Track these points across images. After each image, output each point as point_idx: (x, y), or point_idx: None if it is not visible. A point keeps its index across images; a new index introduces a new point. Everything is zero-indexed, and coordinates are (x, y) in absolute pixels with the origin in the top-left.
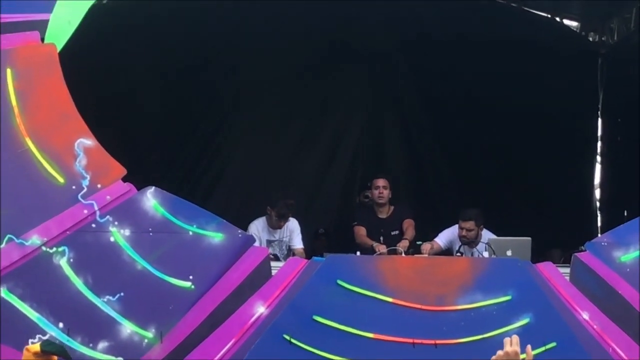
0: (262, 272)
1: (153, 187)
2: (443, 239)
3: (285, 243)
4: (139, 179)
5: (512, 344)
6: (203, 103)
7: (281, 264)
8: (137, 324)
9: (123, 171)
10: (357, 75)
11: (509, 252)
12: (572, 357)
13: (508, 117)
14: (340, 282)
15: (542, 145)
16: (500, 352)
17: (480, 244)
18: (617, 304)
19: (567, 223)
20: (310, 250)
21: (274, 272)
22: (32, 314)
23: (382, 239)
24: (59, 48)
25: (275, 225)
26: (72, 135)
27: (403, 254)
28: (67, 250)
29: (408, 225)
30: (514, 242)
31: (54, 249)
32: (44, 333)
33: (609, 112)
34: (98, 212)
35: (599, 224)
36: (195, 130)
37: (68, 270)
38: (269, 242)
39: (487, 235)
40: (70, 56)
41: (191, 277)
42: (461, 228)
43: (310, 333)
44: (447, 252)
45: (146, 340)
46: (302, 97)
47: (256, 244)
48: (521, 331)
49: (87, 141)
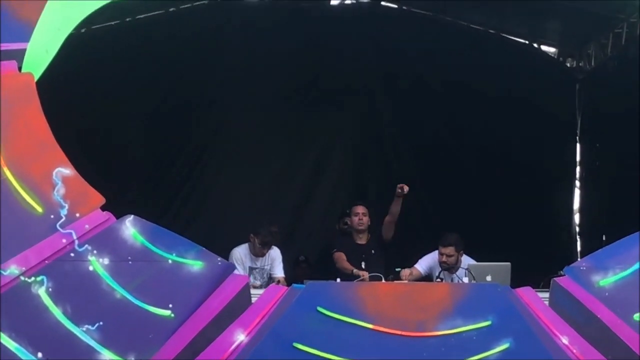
0: (242, 300)
1: (132, 216)
2: (423, 264)
3: (267, 271)
4: (118, 209)
5: None
6: (183, 133)
7: (261, 291)
8: (117, 353)
9: (102, 200)
10: (338, 106)
11: (488, 278)
12: None
13: (487, 143)
14: (320, 309)
15: (522, 171)
16: None
17: (460, 269)
18: (597, 328)
19: (547, 248)
20: (292, 277)
21: (254, 299)
22: (11, 344)
23: (363, 264)
24: (36, 77)
25: (258, 252)
26: (50, 164)
27: (383, 280)
28: (45, 279)
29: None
30: (494, 268)
31: (33, 278)
32: None
33: (587, 137)
34: (77, 241)
35: (579, 248)
36: (175, 160)
37: (47, 300)
38: (251, 270)
39: (467, 260)
40: (48, 85)
41: (171, 305)
42: (441, 254)
43: None
44: (427, 277)
45: None
46: (282, 128)
47: (239, 270)
48: (501, 356)
49: (65, 170)
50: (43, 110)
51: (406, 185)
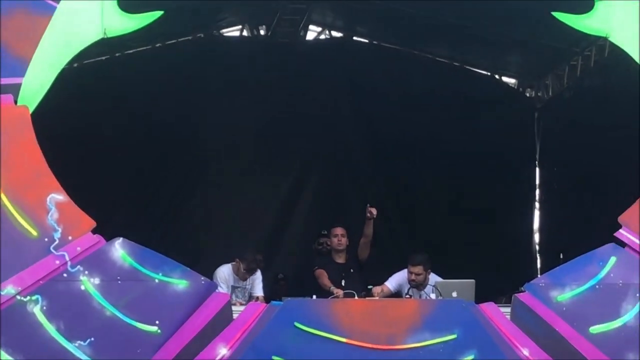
0: (224, 316)
1: (121, 238)
2: (393, 282)
3: (248, 290)
4: (108, 232)
5: None
6: (167, 162)
7: (242, 308)
8: None
9: (92, 224)
10: (313, 134)
11: (454, 294)
12: None
13: (454, 168)
14: (297, 324)
15: (485, 193)
16: None
17: (428, 286)
18: (555, 341)
19: (509, 266)
20: (271, 294)
21: (235, 316)
22: (8, 359)
23: (343, 282)
24: (31, 110)
25: (242, 277)
26: (44, 190)
27: (356, 297)
28: (40, 298)
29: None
30: (459, 285)
31: (28, 297)
32: None
33: (546, 162)
34: (69, 263)
35: (539, 265)
36: (160, 187)
37: (41, 318)
38: (234, 288)
39: (434, 278)
40: (42, 117)
41: (157, 322)
42: (410, 272)
43: None
44: (397, 294)
45: None
46: (260, 156)
47: (223, 287)
48: None
49: (58, 196)
50: (37, 140)
51: (374, 208)
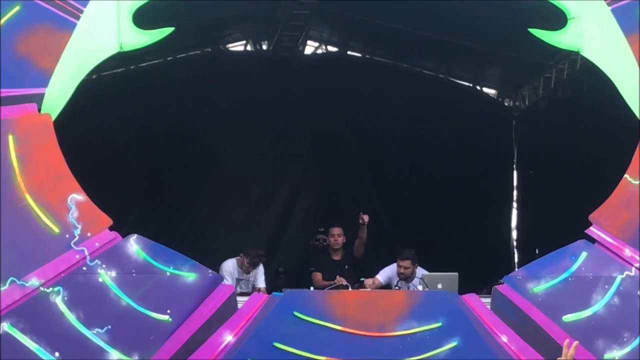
0: (229, 306)
1: (135, 235)
2: (383, 275)
3: (251, 282)
4: (123, 229)
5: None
6: (178, 166)
7: (246, 299)
8: (123, 352)
9: (109, 221)
10: (311, 142)
11: (439, 286)
12: None
13: (439, 173)
14: (296, 313)
15: (468, 195)
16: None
17: (415, 279)
18: (531, 329)
19: (489, 260)
20: (272, 286)
21: (239, 306)
22: (32, 345)
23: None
24: (53, 117)
25: (246, 270)
26: (65, 191)
27: (350, 289)
28: (61, 290)
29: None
30: (444, 277)
31: (51, 289)
32: None
33: (523, 166)
34: (88, 257)
35: (516, 260)
36: (171, 188)
37: (63, 307)
38: (238, 280)
39: (420, 271)
40: (63, 124)
41: (168, 311)
42: (399, 266)
43: (271, 358)
44: (387, 286)
45: None
46: (262, 161)
47: (228, 279)
48: (450, 353)
49: (78, 196)
50: (59, 145)
51: (366, 215)
